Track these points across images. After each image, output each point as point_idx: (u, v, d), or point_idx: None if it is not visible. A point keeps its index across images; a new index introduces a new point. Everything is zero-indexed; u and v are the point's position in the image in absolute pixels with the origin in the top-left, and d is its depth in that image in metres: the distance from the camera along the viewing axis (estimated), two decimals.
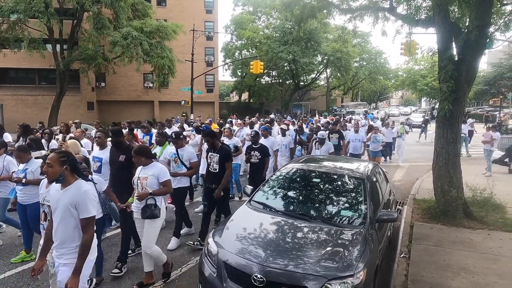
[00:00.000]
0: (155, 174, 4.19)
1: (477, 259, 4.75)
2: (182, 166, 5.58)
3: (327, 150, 8.00)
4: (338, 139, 9.76)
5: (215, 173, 5.46)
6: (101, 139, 5.47)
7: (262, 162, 6.79)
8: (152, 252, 4.19)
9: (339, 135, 9.89)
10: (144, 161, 4.24)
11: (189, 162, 5.59)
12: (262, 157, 6.76)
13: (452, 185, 6.26)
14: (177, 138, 5.65)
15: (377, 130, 10.61)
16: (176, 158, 5.60)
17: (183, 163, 5.56)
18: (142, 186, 4.17)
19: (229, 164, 5.51)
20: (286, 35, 34.74)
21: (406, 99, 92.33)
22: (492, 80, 38.59)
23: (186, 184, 5.68)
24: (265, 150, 6.86)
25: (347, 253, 3.31)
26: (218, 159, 5.40)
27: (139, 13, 24.53)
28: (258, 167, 6.81)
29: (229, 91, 52.52)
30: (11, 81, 28.48)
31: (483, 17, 5.78)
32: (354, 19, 8.28)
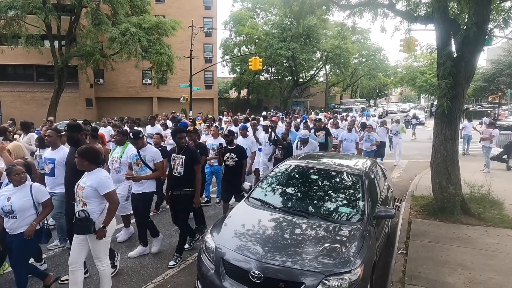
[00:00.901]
0: (93, 185, 3.56)
1: (474, 255, 4.77)
2: (146, 169, 4.95)
3: (312, 150, 7.32)
4: (325, 137, 9.38)
5: (178, 177, 4.83)
6: (52, 138, 4.94)
7: (239, 165, 6.03)
8: (103, 266, 3.76)
9: (326, 132, 9.49)
10: (86, 165, 3.59)
11: (153, 163, 4.98)
12: (239, 159, 6.02)
13: (450, 181, 6.28)
14: (136, 137, 4.97)
15: (370, 128, 10.18)
16: (138, 160, 4.96)
17: (146, 164, 4.94)
18: (79, 198, 3.60)
19: (198, 167, 4.94)
20: (285, 31, 34.64)
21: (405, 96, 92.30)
22: (491, 77, 38.54)
23: (151, 189, 5.01)
24: (242, 152, 6.15)
25: (344, 250, 3.32)
26: (184, 161, 4.79)
27: (138, 9, 24.43)
28: (234, 171, 6.04)
29: (228, 88, 52.44)
30: (9, 77, 28.35)
31: (482, 14, 5.77)
32: (353, 16, 8.26)
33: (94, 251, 3.71)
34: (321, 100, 47.77)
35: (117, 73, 27.87)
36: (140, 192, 4.93)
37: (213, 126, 8.23)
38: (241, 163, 6.07)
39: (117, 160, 5.50)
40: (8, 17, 19.63)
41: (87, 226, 3.51)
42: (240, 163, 6.06)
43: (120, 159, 5.47)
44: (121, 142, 5.63)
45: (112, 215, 3.68)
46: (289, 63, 36.29)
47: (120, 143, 5.65)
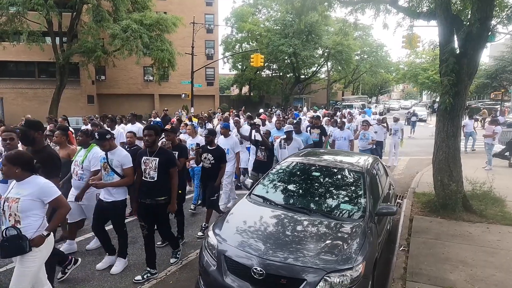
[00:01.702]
0: (34, 194, 2.99)
1: (475, 252, 4.78)
2: (113, 174, 4.35)
3: (297, 148, 6.75)
4: (320, 135, 9.01)
5: (151, 183, 4.26)
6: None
7: (216, 169, 5.62)
8: None
9: (320, 130, 9.14)
10: (19, 173, 3.00)
11: (122, 168, 4.37)
12: (216, 162, 5.62)
13: (452, 178, 6.27)
14: (102, 139, 4.30)
15: (366, 126, 9.57)
16: (105, 163, 4.39)
17: (113, 170, 4.34)
18: (10, 212, 2.98)
19: (174, 171, 4.40)
20: (286, 28, 34.52)
21: (407, 93, 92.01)
22: (494, 73, 38.39)
23: (122, 196, 4.44)
24: (221, 154, 5.70)
25: (346, 246, 3.33)
26: (158, 164, 4.26)
27: (139, 6, 24.37)
28: (209, 174, 5.65)
29: (230, 85, 52.35)
30: (10, 74, 28.38)
31: (485, 10, 5.73)
32: (355, 12, 8.22)
33: (14, 281, 2.97)
34: (323, 97, 47.67)
35: (118, 69, 27.88)
36: (110, 201, 4.38)
37: (189, 125, 7.58)
38: (218, 167, 5.63)
39: (79, 165, 4.81)
40: (9, 13, 19.60)
41: (19, 246, 2.91)
42: (217, 166, 5.63)
43: (82, 164, 4.79)
44: (84, 143, 4.91)
45: (59, 221, 3.33)
46: (290, 60, 36.22)
47: (84, 145, 4.92)
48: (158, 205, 4.32)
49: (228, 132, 6.98)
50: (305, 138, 7.79)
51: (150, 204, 4.29)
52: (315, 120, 9.66)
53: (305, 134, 8.11)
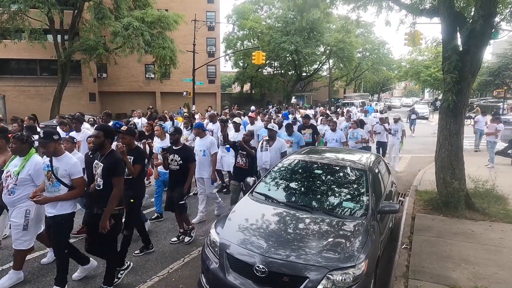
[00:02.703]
0: None
1: (478, 250, 4.76)
2: (58, 185, 3.72)
3: (279, 149, 6.33)
4: (312, 135, 8.59)
5: (99, 191, 3.76)
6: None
7: (184, 170, 5.18)
8: None
9: (312, 129, 8.72)
10: None
11: (70, 178, 3.73)
12: (183, 163, 5.17)
13: (455, 176, 6.25)
14: (47, 138, 3.64)
15: (354, 125, 9.22)
16: (49, 172, 3.72)
17: (59, 180, 3.70)
18: None
19: (117, 180, 3.74)
20: (288, 25, 34.43)
21: (409, 90, 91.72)
22: (497, 71, 38.21)
23: (67, 210, 3.79)
24: (188, 154, 5.25)
25: (348, 244, 3.33)
26: (102, 170, 3.73)
27: (140, 3, 24.31)
28: (177, 176, 5.20)
29: (231, 82, 52.30)
30: (12, 72, 28.42)
31: (488, 7, 5.69)
32: (358, 9, 8.16)
33: None
34: (324, 95, 47.60)
35: (120, 67, 27.89)
36: (53, 215, 3.75)
37: (157, 125, 6.94)
38: (186, 167, 5.19)
39: (12, 177, 3.92)
40: (11, 11, 19.61)
41: None
42: (185, 167, 5.19)
43: (17, 176, 3.90)
44: (19, 151, 3.94)
45: None
46: (292, 57, 36.13)
47: (18, 152, 3.96)
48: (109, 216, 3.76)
49: (202, 132, 6.26)
50: (296, 140, 7.48)
51: (97, 215, 3.75)
52: (305, 120, 9.15)
53: (297, 135, 7.71)
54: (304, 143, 7.65)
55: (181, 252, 5.06)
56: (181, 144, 5.37)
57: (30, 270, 4.44)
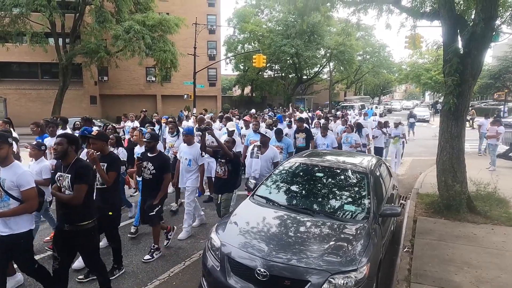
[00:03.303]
0: None
1: (480, 253, 4.74)
2: (8, 199, 3.27)
3: (271, 158, 5.90)
4: (306, 140, 8.17)
5: (67, 205, 3.43)
6: None
7: (158, 180, 4.75)
8: None
9: (306, 134, 8.25)
10: None
11: (20, 191, 3.27)
12: (157, 172, 4.73)
13: (456, 179, 6.24)
14: None
15: (349, 129, 8.93)
16: None
17: (7, 193, 3.26)
18: None
19: (79, 187, 3.34)
20: (289, 28, 34.48)
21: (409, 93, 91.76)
22: (497, 73, 38.22)
23: (24, 227, 3.36)
24: (163, 162, 4.80)
25: (350, 248, 3.31)
26: (70, 181, 3.39)
27: (141, 7, 24.47)
28: (151, 186, 4.78)
29: (232, 85, 52.37)
30: (14, 75, 28.52)
31: (489, 10, 5.70)
32: (358, 12, 8.21)
33: None
34: (325, 97, 47.61)
35: (121, 70, 27.95)
36: (7, 234, 3.28)
37: (137, 130, 6.52)
38: (160, 177, 4.75)
39: None
40: (13, 15, 19.73)
41: None
42: (159, 177, 4.74)
43: None
44: None
45: None
46: (293, 60, 36.18)
47: None
48: (79, 231, 3.45)
49: (192, 139, 5.72)
50: (286, 146, 7.07)
51: (68, 231, 3.44)
52: (299, 123, 8.60)
53: (286, 140, 7.22)
54: (294, 149, 7.21)
55: (182, 256, 5.04)
56: (157, 151, 4.92)
57: None
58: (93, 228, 3.57)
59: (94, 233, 3.61)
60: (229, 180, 5.24)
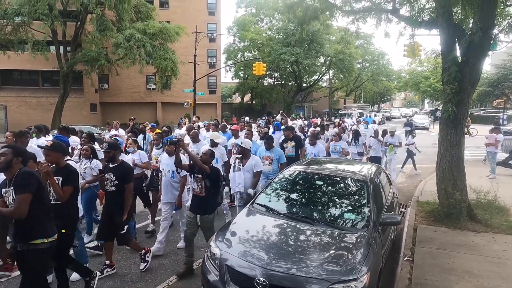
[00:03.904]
0: None
1: (481, 262, 4.71)
2: None
3: (252, 168, 5.60)
4: (295, 149, 7.76)
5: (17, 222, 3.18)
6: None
7: (121, 192, 4.40)
8: None
9: (295, 142, 7.84)
10: None
11: None
12: (119, 183, 4.38)
13: (456, 187, 6.23)
14: None
15: (336, 137, 8.50)
16: None
17: None
18: None
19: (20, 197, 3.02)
20: (288, 36, 34.74)
21: (409, 101, 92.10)
22: (496, 81, 38.44)
23: None
24: (124, 172, 4.46)
25: (350, 257, 3.29)
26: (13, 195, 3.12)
27: (142, 15, 24.70)
28: (115, 199, 4.43)
29: (232, 93, 52.58)
30: (14, 82, 28.66)
31: (487, 19, 5.75)
32: (357, 21, 8.26)
33: None
34: (324, 105, 47.80)
35: (121, 78, 28.07)
36: None
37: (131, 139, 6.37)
38: (122, 188, 4.40)
39: None
40: (15, 23, 19.90)
41: None
42: (122, 188, 4.40)
43: None
44: None
45: None
46: (292, 68, 36.38)
47: None
48: (30, 251, 3.13)
49: (173, 149, 5.14)
50: (276, 156, 6.42)
51: (21, 251, 3.19)
52: (287, 132, 8.14)
53: (277, 151, 6.59)
54: (285, 160, 6.63)
55: (181, 264, 5.00)
56: (119, 161, 4.59)
57: None
58: (46, 250, 3.19)
59: (45, 256, 3.22)
60: (207, 198, 4.57)
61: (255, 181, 5.71)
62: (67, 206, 3.80)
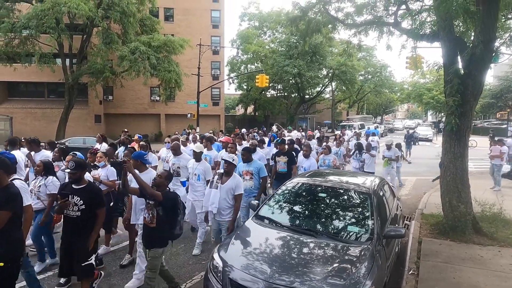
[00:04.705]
0: None
1: (488, 276, 4.63)
2: None
3: (231, 189, 4.77)
4: (288, 164, 7.16)
5: None
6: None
7: (87, 218, 3.80)
8: None
9: (288, 157, 7.24)
10: None
11: None
12: (87, 207, 3.78)
13: (461, 200, 6.17)
14: None
15: (326, 150, 8.16)
16: None
17: None
18: None
19: None
20: (291, 49, 35.10)
21: (412, 112, 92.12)
22: (499, 93, 38.49)
23: None
24: (94, 194, 3.87)
25: (354, 270, 3.26)
26: None
27: (147, 28, 25.12)
28: (79, 226, 3.80)
29: (235, 104, 52.89)
30: (20, 94, 29.04)
31: (488, 32, 5.79)
32: (359, 34, 8.35)
33: None
34: (327, 117, 47.91)
35: (126, 90, 28.36)
36: None
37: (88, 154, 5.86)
38: (91, 214, 3.80)
39: None
40: (22, 36, 20.29)
41: None
42: (90, 213, 3.79)
43: None
44: None
45: None
46: (295, 80, 36.62)
47: None
48: None
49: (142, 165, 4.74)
50: (256, 170, 5.85)
51: None
52: (280, 146, 7.63)
53: (256, 164, 5.96)
54: (266, 173, 6.03)
55: (183, 277, 4.96)
56: (86, 182, 3.95)
57: None
58: None
59: None
60: (158, 229, 3.90)
61: (236, 207, 4.84)
62: (5, 234, 3.19)
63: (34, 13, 18.42)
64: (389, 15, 8.07)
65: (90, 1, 19.54)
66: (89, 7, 18.95)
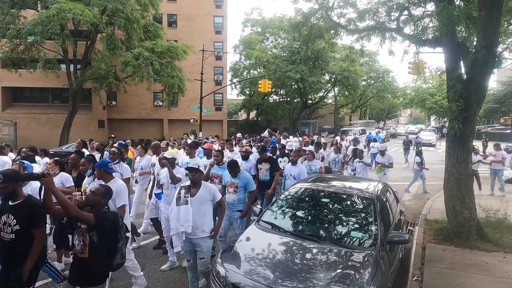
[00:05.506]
0: None
1: (493, 283, 4.59)
2: None
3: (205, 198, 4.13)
4: (269, 172, 6.81)
5: None
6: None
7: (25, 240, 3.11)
8: None
9: (270, 164, 6.89)
10: None
11: None
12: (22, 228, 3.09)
13: (465, 205, 6.14)
14: None
15: (310, 155, 7.49)
16: None
17: None
18: None
19: None
20: (294, 54, 35.25)
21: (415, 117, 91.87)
22: (502, 98, 38.37)
23: None
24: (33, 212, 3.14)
25: (357, 276, 3.24)
26: None
27: (151, 34, 25.34)
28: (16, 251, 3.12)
29: (238, 109, 53.04)
30: (24, 99, 29.30)
31: (490, 37, 5.80)
32: (361, 39, 8.37)
33: None
34: (330, 122, 47.89)
35: (129, 95, 28.55)
36: None
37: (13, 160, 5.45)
38: (28, 235, 3.10)
39: None
40: (27, 42, 20.53)
41: None
42: (26, 234, 3.10)
43: None
44: None
45: None
46: (298, 85, 36.72)
47: None
48: None
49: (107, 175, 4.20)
50: (242, 183, 5.29)
51: None
52: (262, 154, 7.19)
53: (243, 176, 5.38)
54: (254, 187, 5.50)
55: (186, 283, 4.93)
56: (22, 196, 3.20)
57: None
58: None
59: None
60: (92, 261, 3.04)
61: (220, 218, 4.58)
62: None
63: (39, 19, 18.64)
64: (391, 21, 8.09)
65: (94, 8, 19.76)
66: (94, 14, 19.16)
